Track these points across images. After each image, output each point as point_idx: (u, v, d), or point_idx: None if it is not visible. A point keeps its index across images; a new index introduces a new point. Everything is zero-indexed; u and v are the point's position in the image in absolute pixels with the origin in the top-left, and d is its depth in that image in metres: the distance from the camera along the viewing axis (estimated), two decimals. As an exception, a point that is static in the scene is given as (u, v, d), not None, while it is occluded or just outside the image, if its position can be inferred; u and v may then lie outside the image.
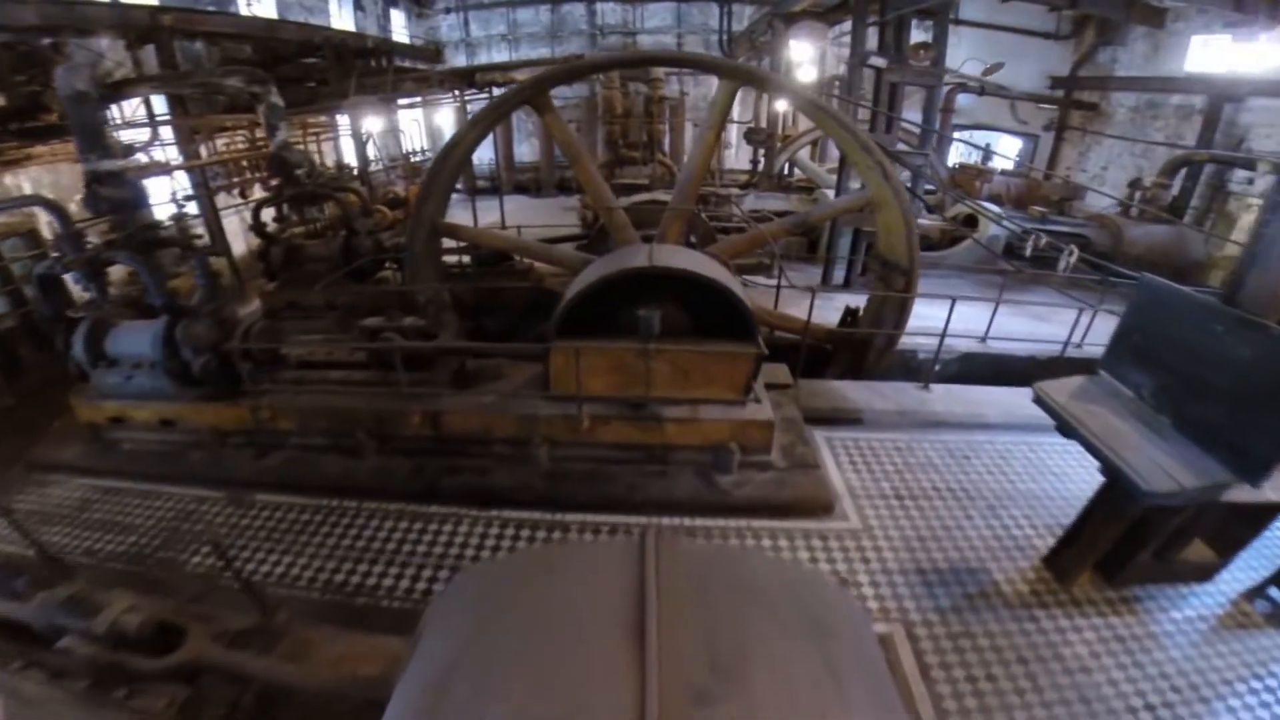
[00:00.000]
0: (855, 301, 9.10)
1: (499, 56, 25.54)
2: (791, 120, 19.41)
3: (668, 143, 21.47)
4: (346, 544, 5.43)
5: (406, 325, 5.68)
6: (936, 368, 7.60)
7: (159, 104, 11.93)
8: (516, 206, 20.73)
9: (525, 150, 26.38)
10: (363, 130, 15.86)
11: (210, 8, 13.66)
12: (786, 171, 18.11)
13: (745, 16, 22.88)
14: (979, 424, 6.92)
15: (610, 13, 25.93)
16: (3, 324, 9.51)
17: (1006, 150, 20.52)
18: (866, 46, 10.08)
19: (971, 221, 12.83)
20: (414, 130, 23.22)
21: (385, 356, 5.69)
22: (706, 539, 5.28)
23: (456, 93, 18.74)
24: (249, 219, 10.01)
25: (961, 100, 18.49)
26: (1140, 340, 4.23)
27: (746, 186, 17.10)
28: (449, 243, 9.29)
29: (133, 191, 6.10)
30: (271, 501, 5.98)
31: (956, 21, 17.64)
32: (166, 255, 6.43)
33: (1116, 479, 4.10)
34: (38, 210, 8.76)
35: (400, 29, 24.96)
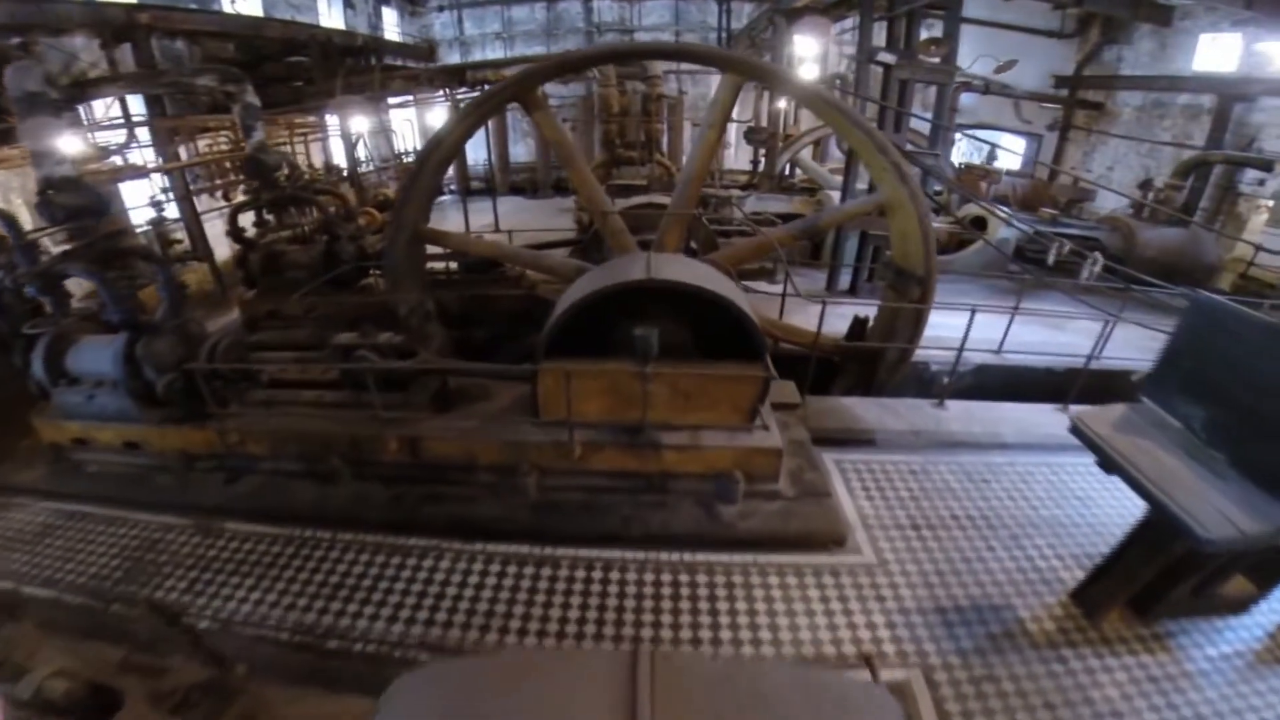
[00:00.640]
0: (863, 309, 8.64)
1: (494, 55, 25.21)
2: (793, 119, 19.00)
3: (666, 142, 21.02)
4: (319, 579, 5.05)
5: (382, 342, 5.24)
6: (946, 380, 7.18)
7: (137, 104, 11.51)
8: (511, 208, 20.33)
9: (521, 150, 26.01)
10: (351, 130, 15.41)
11: (192, 5, 13.22)
12: (787, 172, 17.69)
13: (744, 14, 22.53)
14: (997, 444, 6.50)
15: (607, 10, 25.59)
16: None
17: (1009, 150, 20.16)
18: (873, 42, 9.70)
19: (979, 223, 12.44)
20: (407, 130, 22.82)
21: (358, 377, 5.25)
22: (709, 575, 4.89)
23: (446, 91, 18.35)
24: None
25: (964, 99, 18.18)
26: (1190, 365, 3.81)
27: (747, 187, 16.70)
28: (436, 248, 8.84)
29: (91, 198, 5.65)
30: (241, 531, 5.60)
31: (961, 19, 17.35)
32: (146, 268, 6.03)
33: (1162, 518, 3.72)
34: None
35: (392, 27, 24.57)
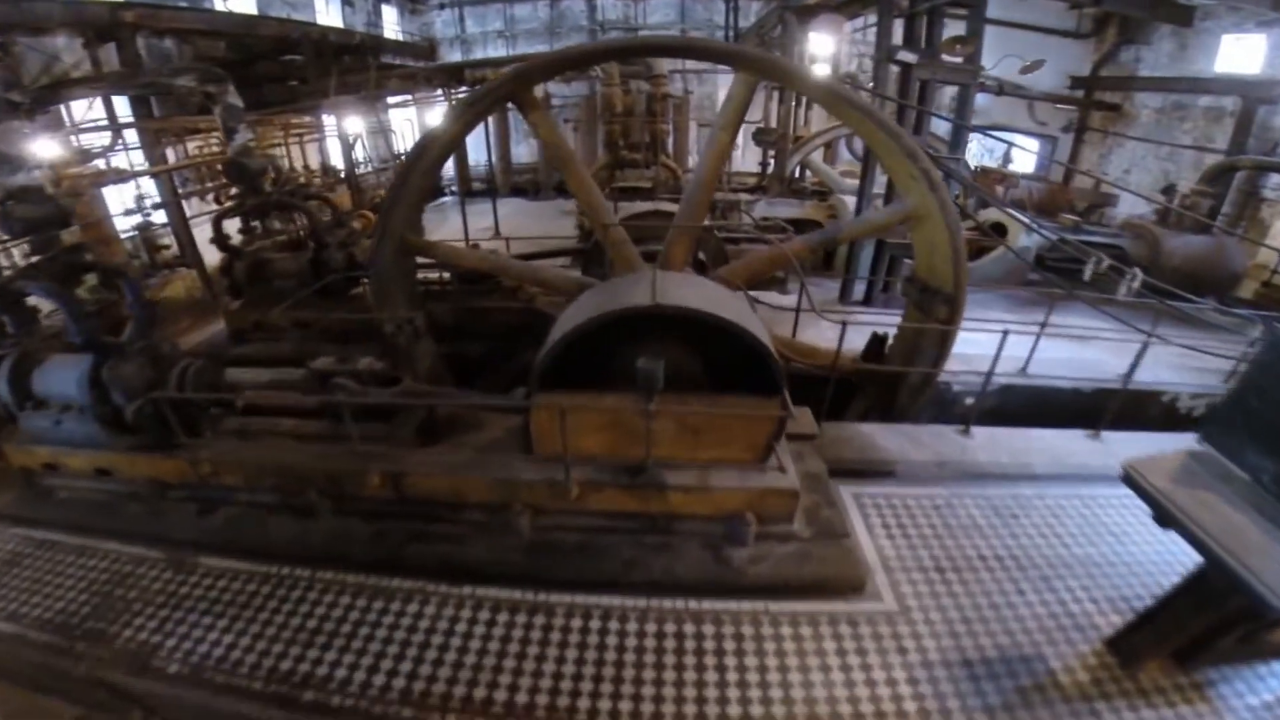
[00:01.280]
0: (882, 324, 8.12)
1: (496, 53, 24.84)
2: (804, 120, 18.51)
3: (671, 143, 20.57)
4: (296, 623, 4.68)
5: (361, 369, 4.82)
6: (969, 401, 6.72)
7: (124, 106, 11.13)
8: (512, 210, 19.91)
9: (523, 151, 25.61)
10: (347, 131, 15.01)
11: (182, 3, 12.82)
12: (797, 175, 17.19)
13: (752, 12, 22.08)
14: (1026, 474, 6.05)
15: (611, 8, 25.21)
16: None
17: (1025, 150, 19.68)
18: (891, 41, 9.25)
19: (998, 229, 11.96)
20: (407, 130, 22.45)
21: (336, 407, 4.84)
22: (715, 625, 4.48)
23: (442, 90, 17.96)
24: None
25: (978, 100, 17.72)
26: (1261, 409, 3.37)
27: (755, 191, 16.21)
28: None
29: (52, 209, 5.26)
30: (215, 567, 5.22)
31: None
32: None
33: (1219, 574, 3.32)
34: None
35: (392, 25, 24.20)
